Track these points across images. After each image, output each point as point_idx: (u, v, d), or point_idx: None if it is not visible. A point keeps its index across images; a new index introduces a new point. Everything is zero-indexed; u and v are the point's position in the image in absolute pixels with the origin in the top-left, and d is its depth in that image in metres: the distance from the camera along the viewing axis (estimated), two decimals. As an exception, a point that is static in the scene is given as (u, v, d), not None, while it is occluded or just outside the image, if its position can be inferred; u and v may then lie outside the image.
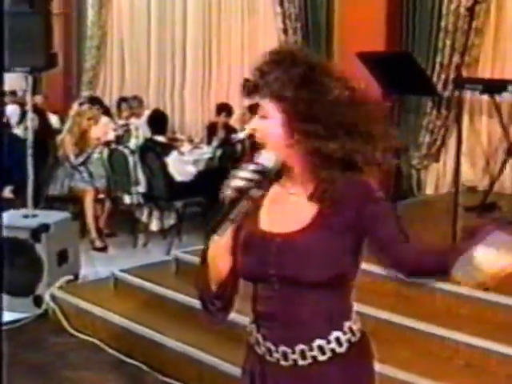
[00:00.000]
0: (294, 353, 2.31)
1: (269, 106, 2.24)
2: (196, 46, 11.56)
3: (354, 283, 2.36)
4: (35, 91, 9.67)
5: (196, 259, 6.30)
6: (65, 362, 5.58)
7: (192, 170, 8.56)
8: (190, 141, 9.91)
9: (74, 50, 12.92)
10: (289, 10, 9.79)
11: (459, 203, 5.80)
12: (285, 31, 9.90)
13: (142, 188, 8.50)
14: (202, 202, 8.55)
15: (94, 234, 8.38)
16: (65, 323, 6.13)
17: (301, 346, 2.29)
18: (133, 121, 10.15)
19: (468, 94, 8.14)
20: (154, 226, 8.83)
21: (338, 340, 2.29)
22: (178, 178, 8.32)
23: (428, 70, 8.16)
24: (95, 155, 8.61)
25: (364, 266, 2.40)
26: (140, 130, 9.26)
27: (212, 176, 8.70)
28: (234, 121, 10.43)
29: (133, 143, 8.97)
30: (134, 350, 5.59)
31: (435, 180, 8.56)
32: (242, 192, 2.21)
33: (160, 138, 8.55)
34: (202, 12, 11.41)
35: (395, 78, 5.63)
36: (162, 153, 8.27)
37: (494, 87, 7.55)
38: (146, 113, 10.58)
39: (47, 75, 10.81)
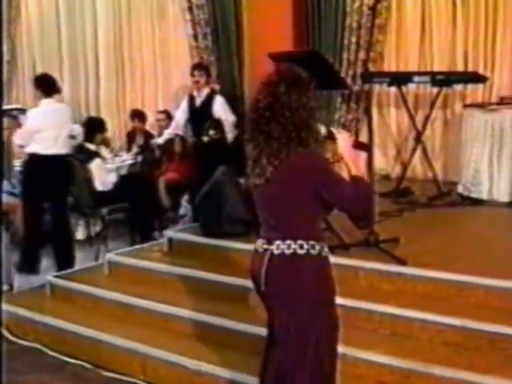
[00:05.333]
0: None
1: None
2: (108, 57, 11.67)
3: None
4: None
5: (127, 260, 6.59)
6: (10, 367, 5.67)
7: (113, 179, 8.70)
8: (110, 149, 10.05)
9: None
10: (198, 17, 10.04)
11: (375, 191, 6.14)
12: (195, 37, 10.15)
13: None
14: (126, 208, 8.73)
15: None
16: (5, 332, 6.25)
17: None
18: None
19: (376, 88, 8.60)
20: (81, 234, 8.98)
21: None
22: (99, 187, 8.45)
23: (336, 66, 8.55)
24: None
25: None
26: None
27: (134, 182, 8.94)
28: (151, 126, 10.63)
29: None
30: (76, 351, 5.77)
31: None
32: None
33: (90, 146, 8.68)
34: (112, 23, 11.52)
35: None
36: (87, 160, 8.42)
37: (399, 79, 7.99)
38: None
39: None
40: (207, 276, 5.95)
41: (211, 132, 8.61)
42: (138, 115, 10.48)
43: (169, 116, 10.01)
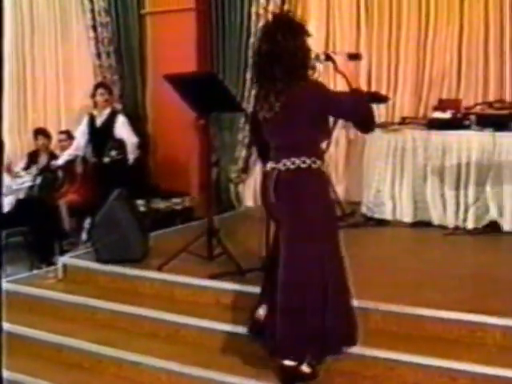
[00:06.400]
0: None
1: None
2: (10, 77, 11.32)
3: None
4: None
5: (18, 287, 6.29)
6: None
7: (9, 201, 8.40)
8: (9, 170, 9.69)
9: None
10: (102, 35, 9.85)
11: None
12: (98, 55, 9.94)
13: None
14: (24, 232, 8.43)
15: None
16: None
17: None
18: None
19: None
20: (-23, 258, 8.63)
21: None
22: (-7, 211, 8.14)
23: (239, 85, 8.51)
24: None
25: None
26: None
27: (33, 204, 8.64)
28: (54, 147, 10.33)
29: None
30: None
31: (253, 192, 8.80)
32: None
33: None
34: (15, 43, 11.18)
35: (203, 97, 5.77)
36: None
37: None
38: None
39: None
40: (101, 304, 5.72)
41: (112, 153, 8.38)
42: (41, 132, 10.15)
43: (70, 136, 9.74)
